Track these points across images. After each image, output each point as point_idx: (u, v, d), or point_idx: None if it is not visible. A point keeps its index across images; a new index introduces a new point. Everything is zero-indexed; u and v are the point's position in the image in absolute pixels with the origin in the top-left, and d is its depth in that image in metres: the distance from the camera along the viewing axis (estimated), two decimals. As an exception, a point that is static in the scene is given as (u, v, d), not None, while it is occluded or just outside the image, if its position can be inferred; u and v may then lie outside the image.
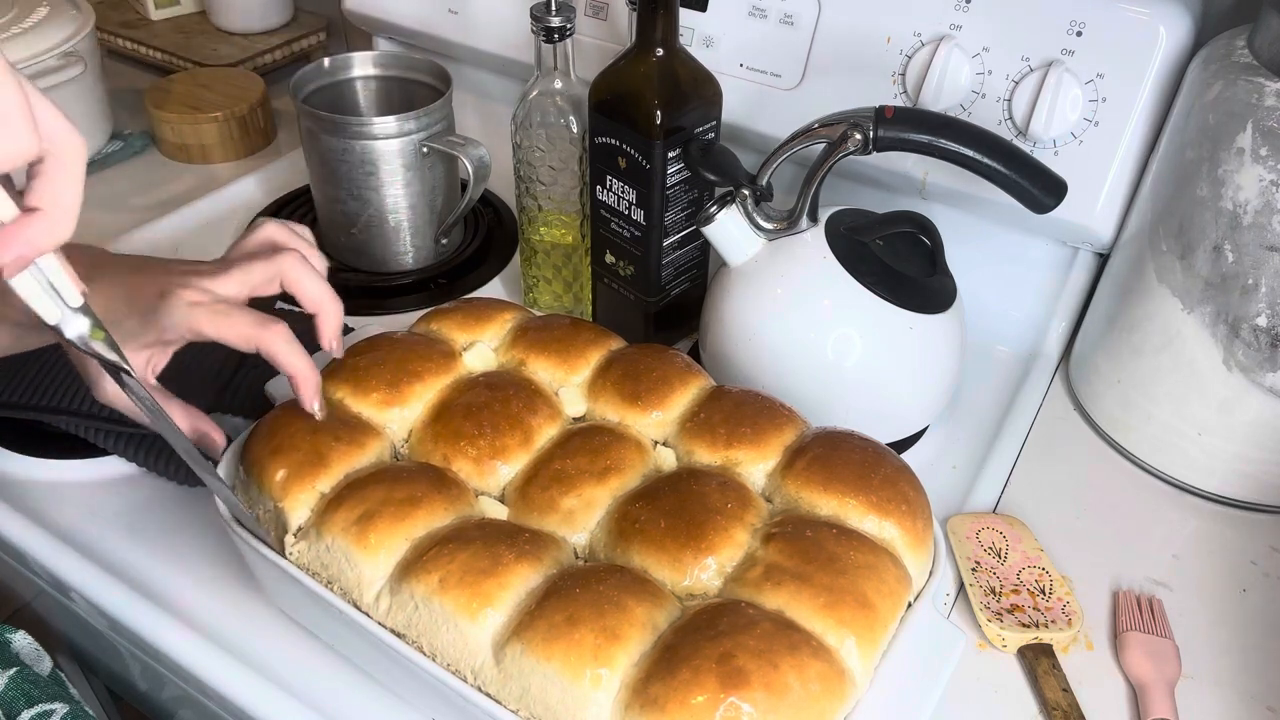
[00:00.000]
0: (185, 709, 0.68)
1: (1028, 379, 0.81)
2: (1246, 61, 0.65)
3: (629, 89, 0.71)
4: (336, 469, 0.56)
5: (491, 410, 0.60)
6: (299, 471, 0.55)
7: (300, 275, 0.56)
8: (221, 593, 0.64)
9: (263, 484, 0.56)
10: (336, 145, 0.84)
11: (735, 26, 0.85)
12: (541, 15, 0.73)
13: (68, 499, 0.70)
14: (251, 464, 0.57)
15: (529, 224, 0.83)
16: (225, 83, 1.12)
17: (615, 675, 0.47)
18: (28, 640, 0.65)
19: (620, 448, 0.59)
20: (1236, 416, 0.69)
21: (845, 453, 0.57)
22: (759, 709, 0.44)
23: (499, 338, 0.67)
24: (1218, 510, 0.72)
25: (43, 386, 0.72)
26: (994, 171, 0.62)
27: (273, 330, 0.54)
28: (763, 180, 0.70)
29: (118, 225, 0.97)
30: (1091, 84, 0.73)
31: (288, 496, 0.55)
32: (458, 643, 0.49)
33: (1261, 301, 0.65)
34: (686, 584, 0.52)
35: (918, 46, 0.77)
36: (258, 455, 0.57)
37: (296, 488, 0.55)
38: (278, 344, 0.54)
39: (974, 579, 0.65)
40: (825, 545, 0.51)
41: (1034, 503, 0.72)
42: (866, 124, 0.64)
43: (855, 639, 0.49)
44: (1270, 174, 0.62)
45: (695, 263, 0.80)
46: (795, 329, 0.69)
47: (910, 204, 0.82)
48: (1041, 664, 0.60)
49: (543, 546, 0.52)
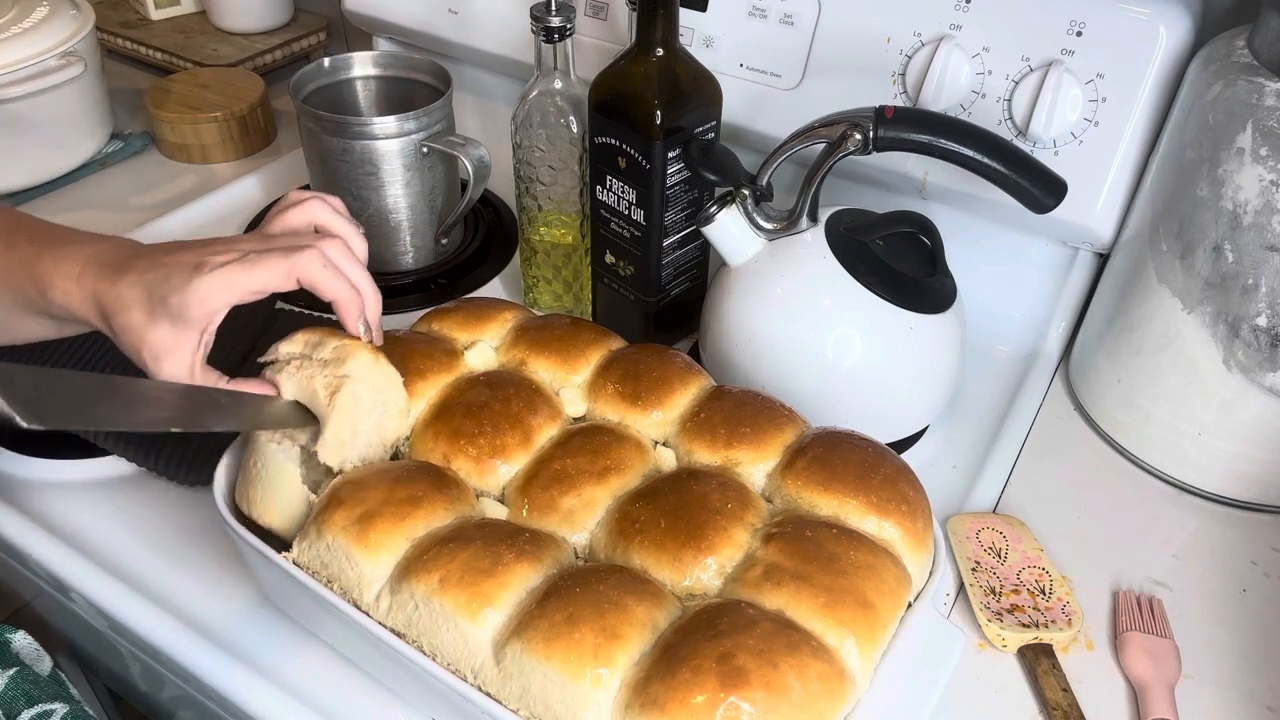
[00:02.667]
0: (185, 709, 0.68)
1: (1028, 379, 0.81)
2: (1246, 61, 0.65)
3: (629, 89, 0.71)
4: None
5: (492, 410, 0.60)
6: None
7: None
8: (221, 593, 0.64)
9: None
10: (336, 145, 0.84)
11: (735, 26, 0.85)
12: (541, 15, 0.73)
13: (68, 499, 0.70)
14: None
15: (529, 224, 0.83)
16: (225, 83, 1.12)
17: (615, 675, 0.47)
18: (28, 640, 0.65)
19: (620, 448, 0.59)
20: (1236, 416, 0.69)
21: (845, 453, 0.57)
22: (759, 709, 0.44)
23: (500, 337, 0.67)
24: (1218, 510, 0.72)
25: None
26: (994, 171, 0.62)
27: (306, 255, 0.54)
28: (763, 180, 0.70)
29: (118, 225, 0.97)
30: (1091, 84, 0.73)
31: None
32: (458, 642, 0.49)
33: (1261, 301, 0.65)
34: (686, 584, 0.52)
35: (918, 46, 0.77)
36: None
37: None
38: (312, 269, 0.54)
39: (974, 579, 0.65)
40: (825, 545, 0.51)
41: (1034, 503, 0.72)
42: (866, 124, 0.64)
43: (855, 639, 0.49)
44: (1270, 174, 0.62)
45: (695, 263, 0.80)
46: (795, 329, 0.69)
47: (910, 204, 0.82)
48: (1041, 664, 0.60)
49: (543, 546, 0.52)
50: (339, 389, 0.55)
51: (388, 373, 0.58)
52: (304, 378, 0.56)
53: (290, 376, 0.57)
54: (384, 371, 0.58)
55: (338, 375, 0.56)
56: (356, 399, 0.56)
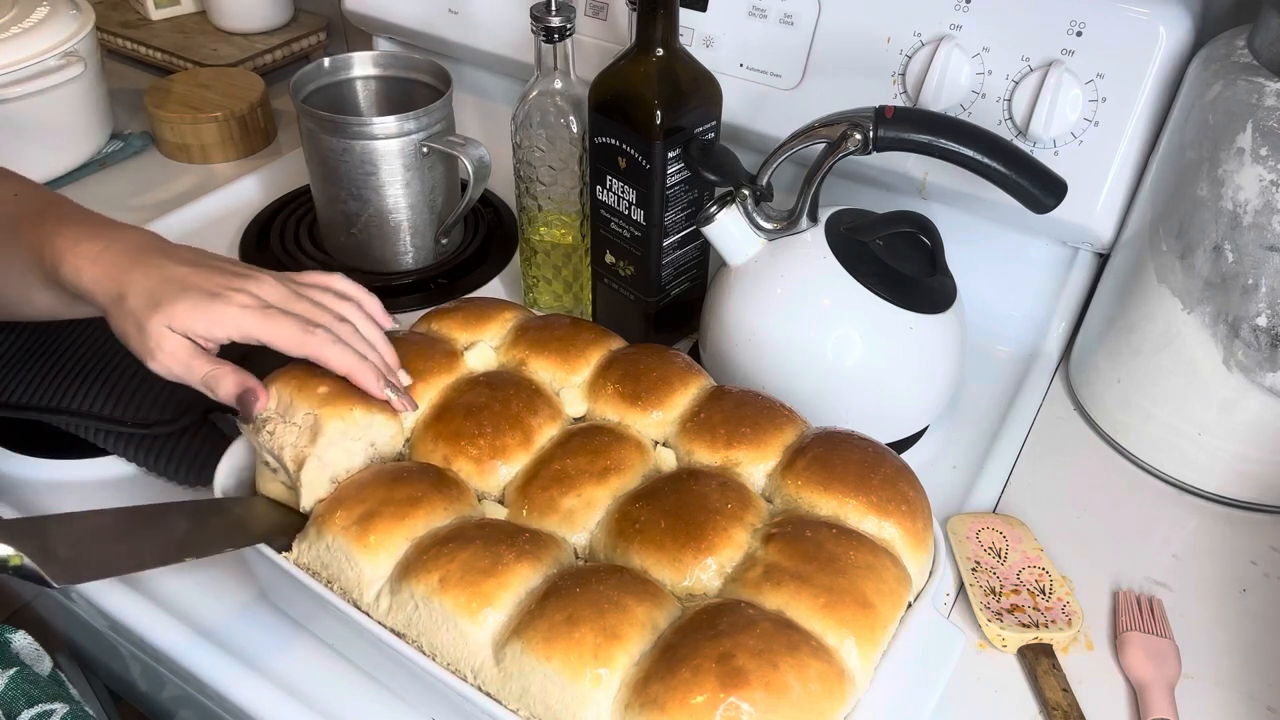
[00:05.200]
0: (185, 709, 0.68)
1: (1028, 379, 0.81)
2: (1246, 61, 0.65)
3: (629, 89, 0.71)
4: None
5: (492, 410, 0.60)
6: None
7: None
8: (221, 593, 0.64)
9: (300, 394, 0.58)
10: (336, 145, 0.84)
11: (735, 26, 0.85)
12: (541, 15, 0.73)
13: (68, 499, 0.70)
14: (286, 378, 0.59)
15: (529, 224, 0.83)
16: (225, 83, 1.12)
17: (615, 675, 0.47)
18: (28, 640, 0.65)
19: (620, 448, 0.59)
20: (1236, 416, 0.69)
21: (845, 453, 0.57)
22: (758, 709, 0.44)
23: (500, 337, 0.67)
24: (1218, 510, 0.72)
25: (43, 386, 0.72)
26: (994, 171, 0.62)
27: (319, 335, 0.56)
28: (763, 180, 0.70)
29: (118, 225, 0.97)
30: (1091, 84, 0.73)
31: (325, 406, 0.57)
32: (458, 642, 0.49)
33: (1261, 301, 0.65)
34: (686, 584, 0.52)
35: (918, 46, 0.77)
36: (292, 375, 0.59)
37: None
38: (324, 349, 0.56)
39: (974, 579, 0.65)
40: (825, 545, 0.51)
41: (1034, 503, 0.72)
42: (866, 124, 0.64)
43: (855, 639, 0.49)
44: (1270, 174, 0.62)
45: (695, 263, 0.80)
46: (795, 329, 0.69)
47: (910, 204, 0.82)
48: (1041, 664, 0.60)
49: (543, 546, 0.53)
50: (303, 463, 0.56)
51: (374, 421, 0.58)
52: (275, 445, 0.57)
53: (267, 439, 0.57)
54: (369, 421, 0.58)
55: (308, 448, 0.56)
56: (325, 471, 0.56)
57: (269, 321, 0.56)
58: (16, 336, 0.75)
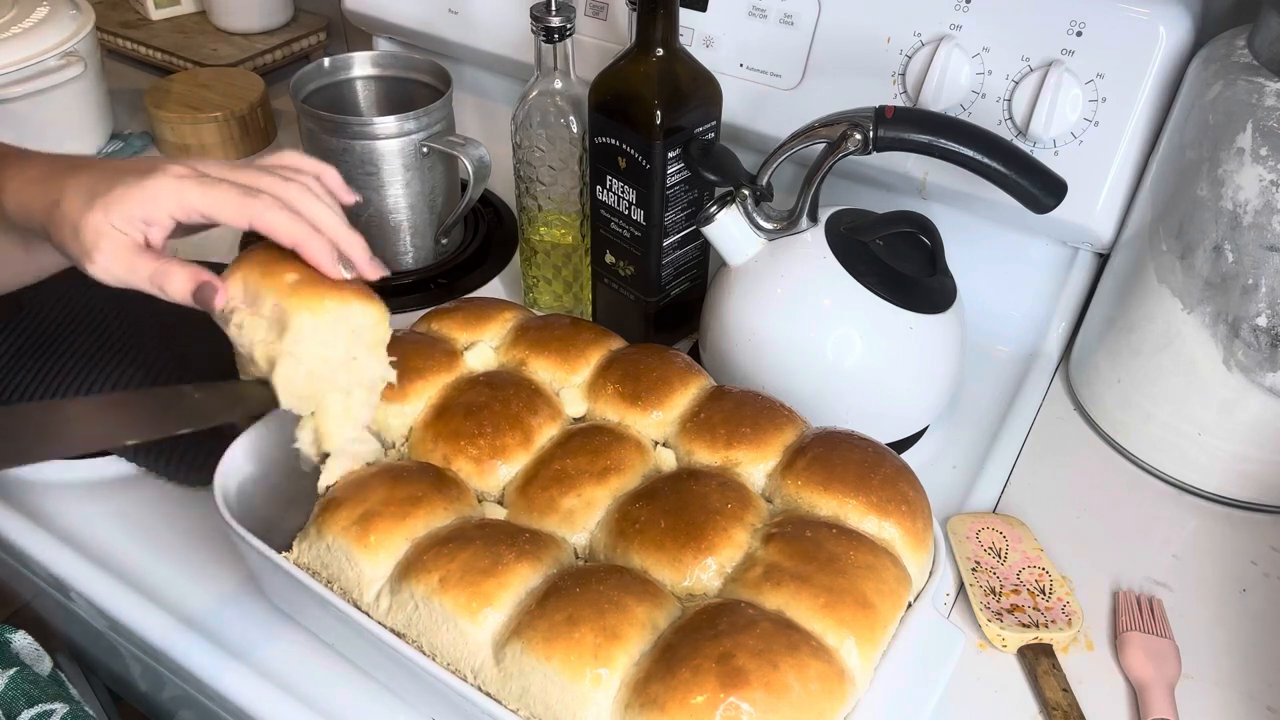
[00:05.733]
0: (185, 709, 0.68)
1: (1028, 379, 0.81)
2: (1246, 61, 0.65)
3: (629, 89, 0.71)
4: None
5: (492, 410, 0.60)
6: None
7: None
8: (221, 593, 0.64)
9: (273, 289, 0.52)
10: (336, 145, 0.84)
11: (735, 26, 0.85)
12: (541, 15, 0.73)
13: (68, 499, 0.70)
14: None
15: (529, 224, 0.83)
16: (225, 83, 1.12)
17: (615, 675, 0.47)
18: (28, 640, 0.65)
19: (620, 448, 0.59)
20: (1236, 416, 0.69)
21: (845, 453, 0.57)
22: (758, 709, 0.44)
23: (500, 337, 0.67)
24: (1218, 510, 0.72)
25: (42, 386, 0.72)
26: (994, 171, 0.62)
27: (263, 200, 0.51)
28: (763, 180, 0.70)
29: (118, 225, 0.97)
30: (1091, 84, 0.73)
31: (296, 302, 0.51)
32: (458, 642, 0.49)
33: (1261, 301, 0.65)
34: (686, 584, 0.52)
35: (918, 46, 0.77)
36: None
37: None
38: (267, 214, 0.51)
39: (974, 579, 0.65)
40: (825, 545, 0.51)
41: (1034, 503, 0.72)
42: (866, 124, 0.64)
43: (855, 639, 0.49)
44: (1270, 174, 0.62)
45: (695, 263, 0.80)
46: (795, 329, 0.69)
47: (910, 204, 0.82)
48: (1041, 664, 0.60)
49: (543, 546, 0.53)
50: (276, 362, 0.50)
51: (351, 311, 0.52)
52: (247, 341, 0.52)
53: (237, 334, 0.52)
54: (345, 313, 0.52)
55: (276, 344, 0.50)
56: (300, 368, 0.51)
57: (207, 188, 0.51)
58: (16, 336, 0.75)
